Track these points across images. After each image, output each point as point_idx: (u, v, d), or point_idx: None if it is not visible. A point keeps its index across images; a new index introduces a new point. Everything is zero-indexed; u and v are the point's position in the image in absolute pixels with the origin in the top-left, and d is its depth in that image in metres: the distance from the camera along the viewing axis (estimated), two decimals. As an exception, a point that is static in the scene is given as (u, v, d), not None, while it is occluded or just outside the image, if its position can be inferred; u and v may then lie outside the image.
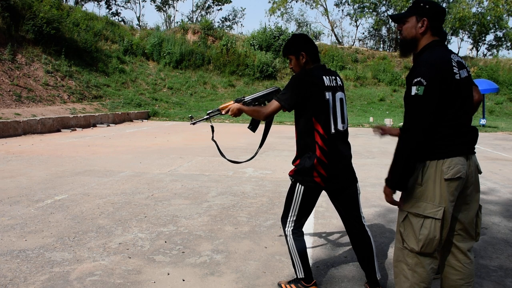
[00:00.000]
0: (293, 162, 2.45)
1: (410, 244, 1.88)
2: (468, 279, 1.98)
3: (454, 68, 1.82)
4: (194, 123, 2.74)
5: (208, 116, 2.65)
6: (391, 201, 2.00)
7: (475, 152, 1.96)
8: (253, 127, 2.65)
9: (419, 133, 1.79)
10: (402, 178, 1.88)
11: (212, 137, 2.80)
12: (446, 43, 2.07)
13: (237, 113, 2.48)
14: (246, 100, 2.56)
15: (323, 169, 2.31)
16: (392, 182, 1.92)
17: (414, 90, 1.79)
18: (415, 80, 1.79)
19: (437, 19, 1.90)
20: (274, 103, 2.30)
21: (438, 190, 1.82)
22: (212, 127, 2.81)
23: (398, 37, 1.87)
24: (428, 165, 1.85)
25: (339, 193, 2.44)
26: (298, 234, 2.44)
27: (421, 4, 1.90)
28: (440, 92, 1.78)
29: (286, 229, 2.45)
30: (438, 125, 1.83)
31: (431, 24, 1.90)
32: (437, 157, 1.83)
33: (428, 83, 1.76)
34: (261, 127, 2.73)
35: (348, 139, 2.50)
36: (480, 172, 2.00)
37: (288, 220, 2.44)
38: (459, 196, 1.89)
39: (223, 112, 2.56)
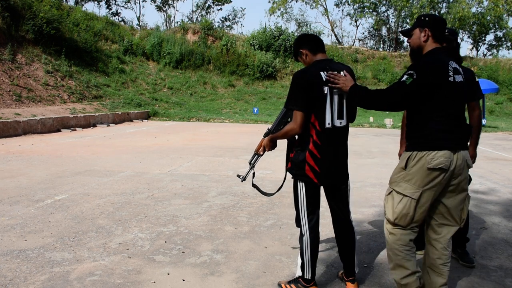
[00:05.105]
0: (291, 152, 2.50)
1: (387, 215, 2.27)
2: (444, 260, 2.27)
3: (449, 71, 2.12)
4: (244, 179, 2.72)
5: (252, 165, 2.70)
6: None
7: (466, 148, 2.23)
8: (290, 144, 2.59)
9: (383, 103, 2.21)
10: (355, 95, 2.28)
11: (252, 182, 2.79)
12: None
13: (272, 145, 2.54)
14: (271, 129, 2.56)
15: (315, 163, 2.34)
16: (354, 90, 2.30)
17: (404, 77, 2.12)
18: (409, 71, 2.12)
19: (437, 28, 2.22)
20: (296, 113, 2.32)
21: (420, 176, 2.13)
22: (253, 173, 2.78)
23: (408, 48, 2.36)
24: (415, 155, 2.16)
25: (333, 190, 2.49)
26: (315, 232, 2.47)
27: (422, 18, 2.26)
28: (426, 90, 2.08)
29: (303, 228, 2.47)
30: (428, 120, 2.14)
31: (433, 33, 2.22)
32: (423, 149, 2.14)
33: (417, 78, 2.07)
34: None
35: (348, 139, 2.50)
36: (470, 167, 2.26)
37: (302, 219, 2.47)
38: (446, 184, 2.17)
39: (261, 153, 2.60)
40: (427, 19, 2.24)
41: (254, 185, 2.79)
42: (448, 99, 2.12)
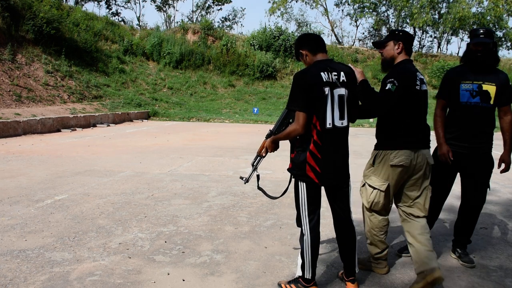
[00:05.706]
0: (291, 153, 2.50)
1: (364, 203, 2.75)
2: (422, 229, 2.58)
3: (417, 80, 2.52)
4: (247, 180, 2.73)
5: (255, 167, 2.70)
6: None
7: (428, 147, 2.63)
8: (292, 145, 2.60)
9: (380, 109, 2.50)
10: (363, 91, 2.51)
11: (258, 185, 2.78)
12: (446, 42, 2.65)
13: (274, 146, 2.54)
14: (273, 131, 2.57)
15: (316, 164, 2.34)
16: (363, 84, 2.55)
17: (388, 86, 2.45)
18: (390, 79, 2.46)
19: (409, 42, 2.61)
20: (298, 113, 2.32)
21: (385, 171, 2.58)
22: (258, 176, 2.78)
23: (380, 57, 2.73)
24: (381, 153, 2.61)
25: (334, 190, 2.50)
26: (315, 231, 2.47)
27: (396, 32, 2.64)
28: (403, 94, 2.44)
29: (304, 228, 2.47)
30: (393, 123, 2.54)
31: (405, 46, 2.60)
32: (387, 148, 2.58)
33: (399, 85, 2.43)
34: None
35: (349, 138, 2.50)
36: (430, 163, 2.63)
37: (303, 218, 2.47)
38: (408, 178, 2.59)
39: (263, 154, 2.61)
40: (401, 33, 2.60)
41: (259, 188, 2.79)
42: (413, 105, 2.52)
